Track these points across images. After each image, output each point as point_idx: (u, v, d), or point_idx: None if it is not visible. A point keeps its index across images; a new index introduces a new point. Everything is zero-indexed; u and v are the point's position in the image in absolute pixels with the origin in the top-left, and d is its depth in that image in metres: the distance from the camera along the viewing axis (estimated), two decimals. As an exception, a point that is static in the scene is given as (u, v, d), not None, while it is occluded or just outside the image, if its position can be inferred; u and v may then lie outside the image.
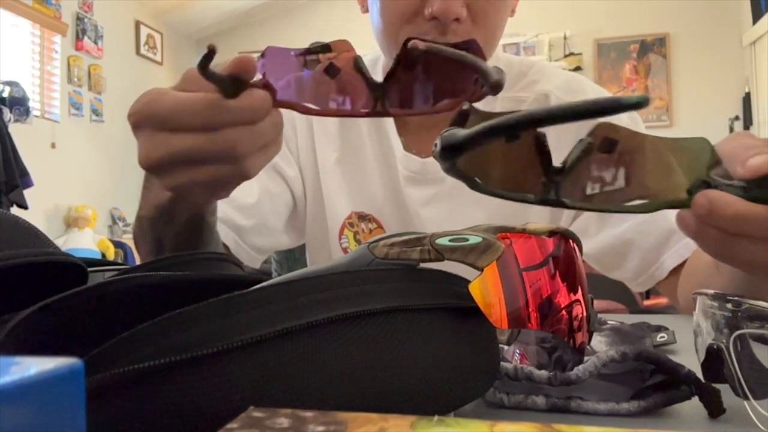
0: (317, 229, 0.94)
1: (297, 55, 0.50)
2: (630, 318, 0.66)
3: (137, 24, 5.40)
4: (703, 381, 0.38)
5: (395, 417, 0.19)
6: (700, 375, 0.38)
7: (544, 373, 0.39)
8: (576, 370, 0.38)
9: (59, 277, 0.42)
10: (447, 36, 0.75)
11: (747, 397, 0.35)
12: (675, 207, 0.39)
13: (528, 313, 0.36)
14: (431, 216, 0.88)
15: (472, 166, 0.36)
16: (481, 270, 0.35)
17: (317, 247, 0.96)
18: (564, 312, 0.38)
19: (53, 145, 4.41)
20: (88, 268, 0.45)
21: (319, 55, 0.50)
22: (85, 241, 4.29)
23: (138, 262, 0.58)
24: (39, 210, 4.09)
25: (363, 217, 0.91)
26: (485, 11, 0.76)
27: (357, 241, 0.91)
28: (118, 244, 4.56)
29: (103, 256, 4.28)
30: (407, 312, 0.31)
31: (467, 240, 0.36)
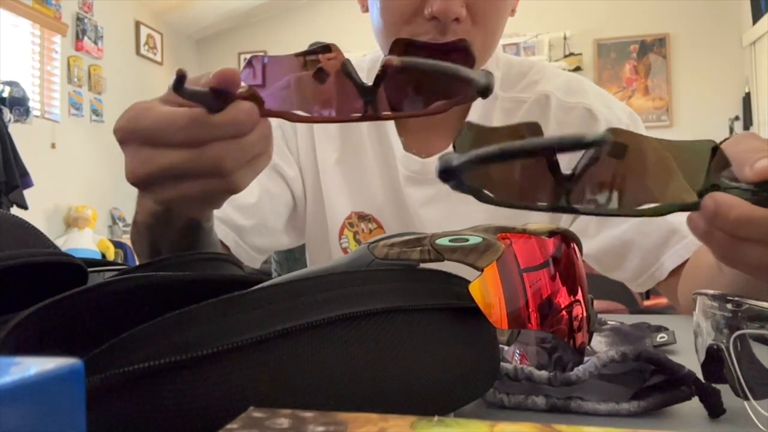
0: (317, 229, 0.94)
1: (284, 61, 0.48)
2: (630, 318, 0.66)
3: (137, 24, 5.41)
4: (703, 381, 0.38)
5: (395, 417, 0.19)
6: (700, 375, 0.38)
7: (544, 374, 0.39)
8: (576, 370, 0.38)
9: (59, 278, 0.42)
10: (447, 36, 0.75)
11: (747, 397, 0.35)
12: (686, 210, 0.39)
13: (528, 314, 0.36)
14: (431, 216, 0.88)
15: (479, 178, 0.36)
16: (481, 270, 0.35)
17: (317, 247, 0.96)
18: (564, 312, 0.38)
19: (53, 145, 4.42)
20: (88, 268, 0.45)
21: (307, 59, 0.49)
22: (85, 241, 4.29)
23: (138, 262, 0.58)
24: (39, 210, 4.09)
25: (363, 217, 0.91)
26: (485, 11, 0.76)
27: (357, 241, 0.91)
28: (118, 244, 4.57)
29: (103, 256, 4.29)
30: (407, 312, 0.31)
31: (467, 240, 0.36)
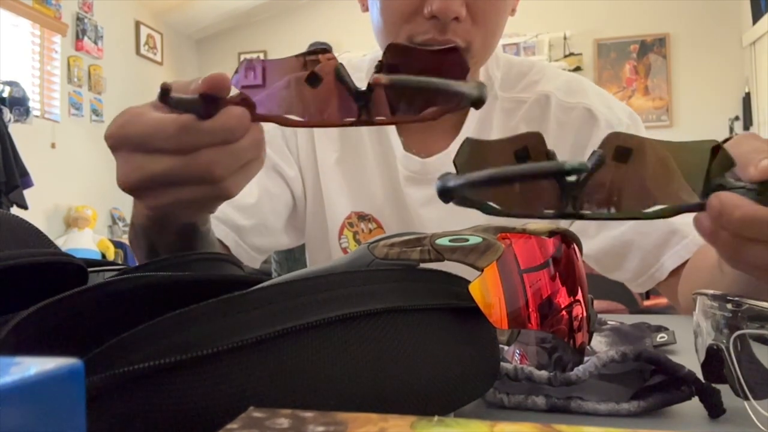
0: (317, 229, 0.94)
1: (276, 65, 0.47)
2: (630, 318, 0.66)
3: (137, 24, 5.41)
4: (703, 381, 0.38)
5: (395, 417, 0.19)
6: (700, 375, 0.38)
7: (544, 374, 0.39)
8: (576, 370, 0.38)
9: (60, 278, 0.42)
10: (447, 35, 0.75)
11: (747, 397, 0.35)
12: (692, 210, 0.39)
13: (528, 314, 0.36)
14: (431, 216, 0.88)
15: (483, 191, 0.36)
16: (481, 270, 0.35)
17: (317, 247, 0.96)
18: (564, 312, 0.38)
19: (53, 145, 4.42)
20: (88, 268, 0.45)
21: (300, 63, 0.48)
22: (85, 241, 4.29)
23: (137, 263, 0.58)
24: (39, 210, 4.09)
25: (363, 217, 0.91)
26: (485, 10, 0.76)
27: (357, 241, 0.91)
28: (118, 244, 4.57)
29: (103, 256, 4.29)
30: (407, 312, 0.31)
31: (467, 240, 0.36)
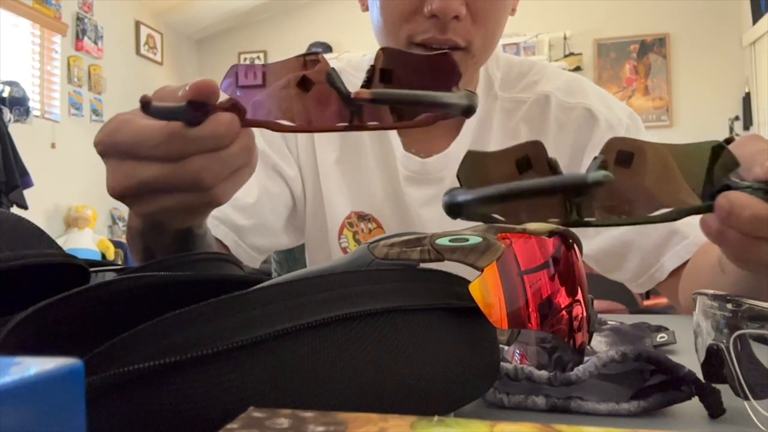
0: (317, 229, 0.94)
1: (267, 70, 0.47)
2: (630, 318, 0.66)
3: (137, 24, 5.41)
4: (703, 381, 0.38)
5: (395, 417, 0.19)
6: (700, 375, 0.38)
7: (544, 374, 0.39)
8: (576, 370, 0.38)
9: (61, 278, 0.42)
10: (447, 34, 0.75)
11: (747, 397, 0.35)
12: (699, 212, 0.39)
13: (528, 314, 0.36)
14: (431, 216, 0.88)
15: (492, 205, 0.36)
16: (481, 270, 0.35)
17: (317, 247, 0.96)
18: (564, 312, 0.38)
19: (53, 145, 4.41)
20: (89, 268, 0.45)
21: (291, 68, 0.47)
22: (85, 241, 4.29)
23: (136, 263, 0.58)
24: (39, 210, 4.09)
25: (362, 217, 0.91)
26: (485, 9, 0.76)
27: (356, 241, 0.91)
28: (118, 244, 4.57)
29: (103, 256, 4.29)
30: (407, 312, 0.31)
31: (467, 240, 0.36)
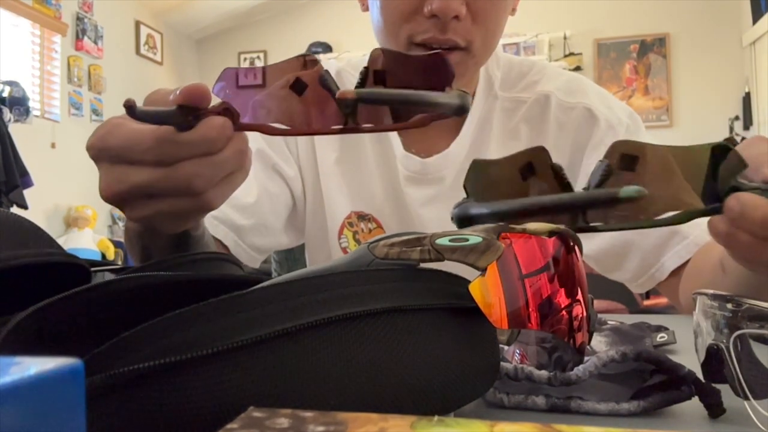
0: (317, 229, 0.94)
1: (260, 73, 0.46)
2: (630, 318, 0.66)
3: (137, 24, 5.40)
4: (703, 381, 0.38)
5: (395, 417, 0.19)
6: (700, 375, 0.38)
7: (544, 373, 0.39)
8: (576, 370, 0.38)
9: (62, 278, 0.42)
10: (447, 34, 0.75)
11: (747, 397, 0.35)
12: (707, 214, 0.38)
13: (528, 313, 0.36)
14: (431, 216, 0.88)
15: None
16: (481, 270, 0.35)
17: (317, 247, 0.96)
18: (564, 312, 0.38)
19: (53, 145, 4.41)
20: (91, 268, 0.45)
21: (285, 70, 0.47)
22: (85, 241, 4.29)
23: (134, 264, 0.58)
24: (39, 210, 4.09)
25: (362, 217, 0.91)
26: (485, 9, 0.76)
27: (356, 241, 0.91)
28: (118, 244, 4.56)
29: (103, 256, 4.29)
30: (407, 312, 0.31)
31: (467, 240, 0.36)
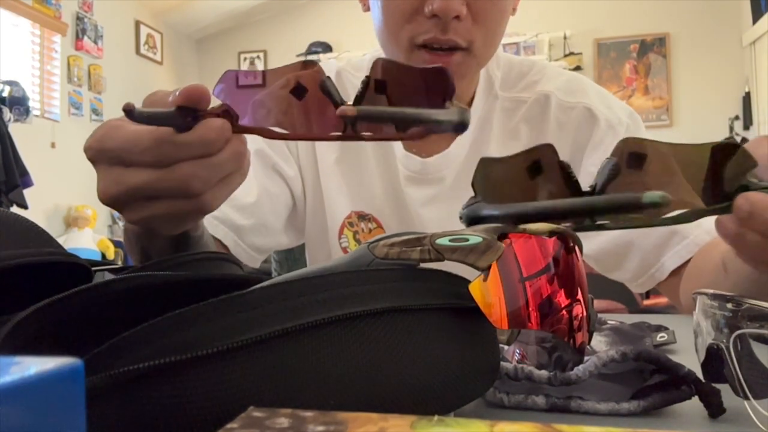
0: (317, 229, 0.94)
1: (260, 76, 0.46)
2: (630, 318, 0.66)
3: (137, 24, 5.40)
4: (703, 381, 0.38)
5: (395, 417, 0.19)
6: (700, 375, 0.38)
7: (544, 373, 0.39)
8: (576, 370, 0.38)
9: (63, 278, 0.42)
10: (448, 34, 0.75)
11: (747, 397, 0.35)
12: (716, 213, 0.38)
13: (528, 313, 0.36)
14: (431, 216, 0.88)
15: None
16: (481, 270, 0.35)
17: (317, 247, 0.96)
18: (564, 312, 0.38)
19: (53, 145, 4.41)
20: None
21: (285, 74, 0.46)
22: (85, 241, 4.29)
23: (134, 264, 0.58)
24: (39, 210, 4.08)
25: (363, 217, 0.91)
26: (486, 9, 0.76)
27: (357, 241, 0.91)
28: (118, 243, 4.56)
29: (103, 256, 4.29)
30: (407, 312, 0.31)
31: (467, 240, 0.36)
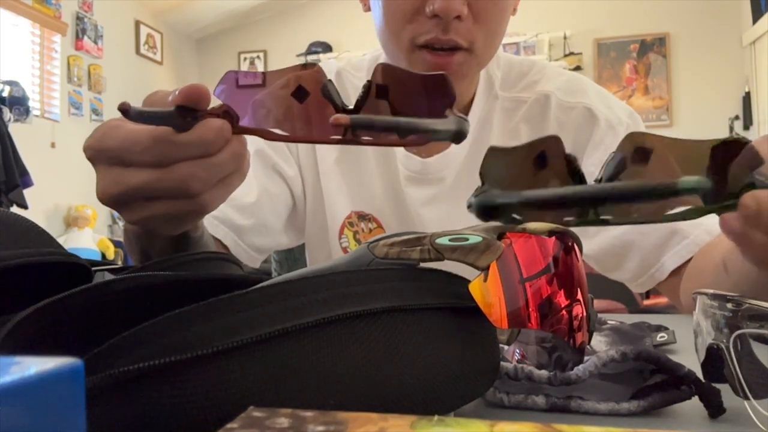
0: (317, 229, 0.94)
1: (261, 78, 0.46)
2: (630, 318, 0.66)
3: (137, 24, 5.40)
4: (703, 381, 0.38)
5: (395, 417, 0.19)
6: (700, 375, 0.38)
7: (544, 373, 0.39)
8: (576, 369, 0.38)
9: (62, 278, 0.42)
10: (449, 34, 0.75)
11: (747, 397, 0.35)
12: (721, 211, 0.38)
13: (528, 313, 0.36)
14: (431, 216, 0.88)
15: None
16: (481, 269, 0.35)
17: (317, 247, 0.96)
18: (564, 312, 0.38)
19: (53, 145, 4.41)
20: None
21: (287, 76, 0.46)
22: (85, 241, 4.29)
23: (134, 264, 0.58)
24: (39, 210, 4.09)
25: (363, 217, 0.91)
26: (486, 9, 0.76)
27: (357, 241, 0.91)
28: (118, 243, 4.56)
29: (103, 255, 4.29)
30: (407, 312, 0.31)
31: (467, 239, 0.36)
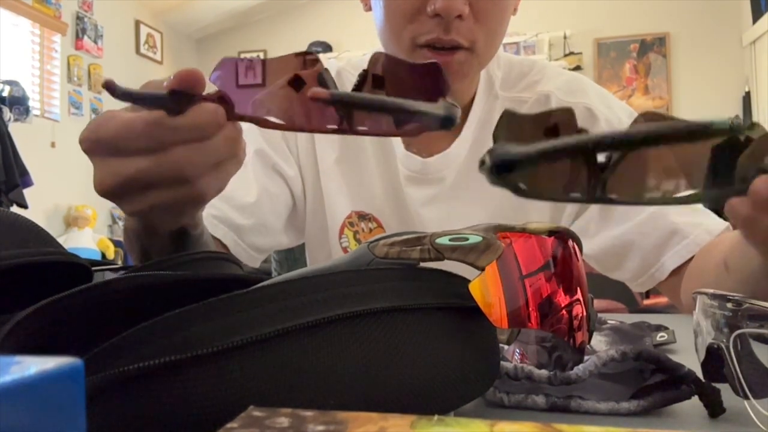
0: (317, 229, 0.94)
1: (258, 65, 0.46)
2: (630, 317, 0.66)
3: (137, 23, 5.40)
4: (703, 381, 0.38)
5: (395, 417, 0.19)
6: (700, 375, 0.38)
7: (544, 373, 0.39)
8: (576, 369, 0.38)
9: (62, 278, 0.42)
10: (450, 34, 0.75)
11: (747, 397, 0.35)
12: (729, 195, 0.38)
13: (528, 313, 0.36)
14: (431, 216, 0.88)
15: (526, 170, 0.36)
16: (481, 269, 0.35)
17: (317, 247, 0.96)
18: (564, 311, 0.38)
19: (53, 145, 4.41)
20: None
21: (284, 65, 0.46)
22: (85, 241, 4.29)
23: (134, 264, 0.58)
24: (39, 209, 4.09)
25: (363, 217, 0.91)
26: (487, 9, 0.76)
27: (357, 241, 0.91)
28: (118, 243, 4.56)
29: (103, 255, 4.29)
30: (407, 312, 0.31)
31: (467, 239, 0.36)
